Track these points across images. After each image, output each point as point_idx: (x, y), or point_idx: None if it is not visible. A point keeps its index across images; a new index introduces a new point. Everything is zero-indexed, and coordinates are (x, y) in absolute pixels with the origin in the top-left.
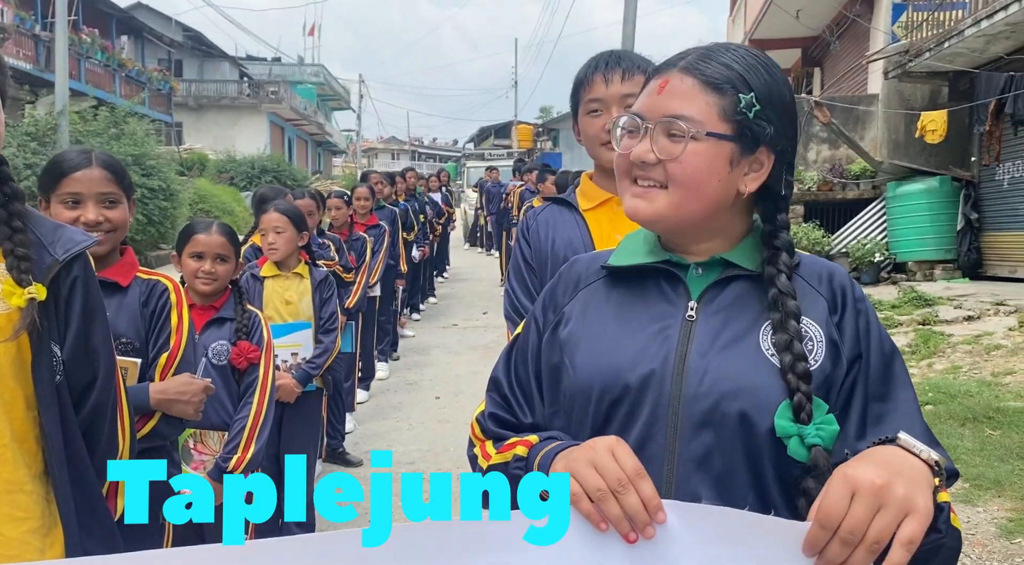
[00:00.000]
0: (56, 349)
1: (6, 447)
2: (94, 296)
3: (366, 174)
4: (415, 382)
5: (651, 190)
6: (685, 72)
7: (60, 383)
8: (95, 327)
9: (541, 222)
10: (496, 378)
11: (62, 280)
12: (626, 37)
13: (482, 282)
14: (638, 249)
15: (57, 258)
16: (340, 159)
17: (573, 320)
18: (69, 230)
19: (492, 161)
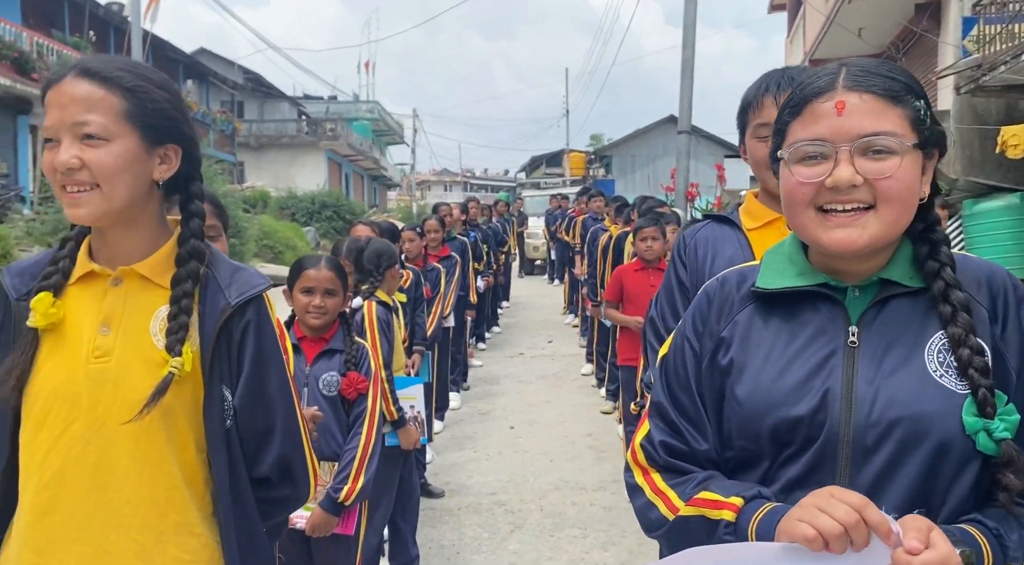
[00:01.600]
0: (227, 393)
1: (176, 489)
2: (269, 342)
3: (436, 206)
4: (488, 412)
5: (859, 215)
6: (855, 90)
7: (230, 428)
8: (270, 374)
9: (700, 240)
10: (658, 403)
11: (235, 324)
12: (685, 62)
13: (542, 310)
14: (785, 269)
15: (230, 302)
16: (394, 192)
17: (733, 348)
18: (247, 273)
19: (548, 189)
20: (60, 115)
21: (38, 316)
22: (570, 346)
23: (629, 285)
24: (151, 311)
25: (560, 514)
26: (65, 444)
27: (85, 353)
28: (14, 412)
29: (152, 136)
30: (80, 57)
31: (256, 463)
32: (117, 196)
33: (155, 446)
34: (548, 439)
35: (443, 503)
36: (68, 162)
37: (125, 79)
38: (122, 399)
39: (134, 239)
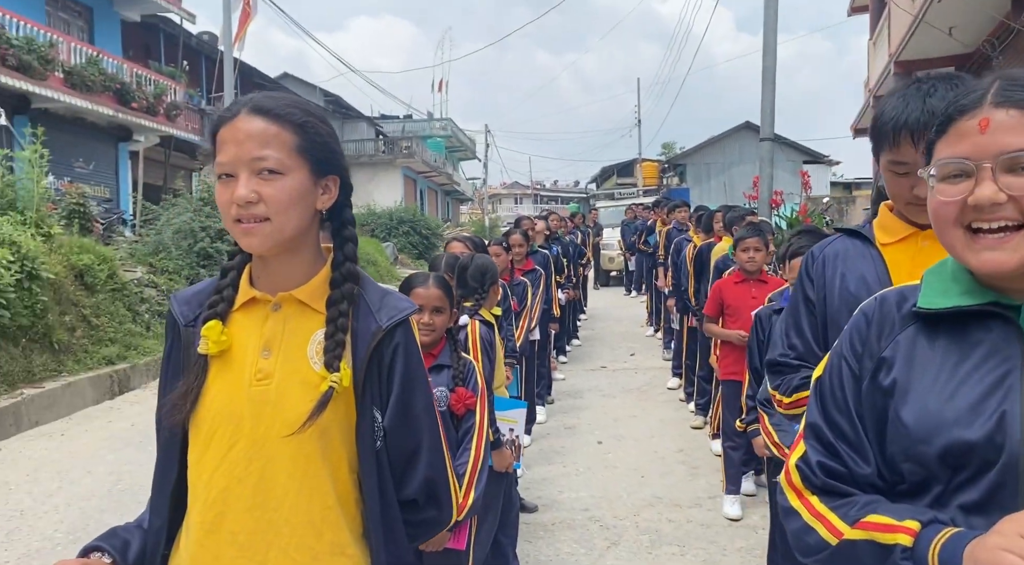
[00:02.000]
0: (377, 414)
1: (330, 509)
2: (416, 364)
3: (519, 220)
4: (573, 426)
5: (1008, 237)
6: (1003, 106)
7: (380, 449)
8: (416, 395)
9: (829, 256)
10: (814, 424)
11: (385, 346)
12: (766, 69)
13: (621, 322)
14: (949, 288)
15: (381, 325)
16: (466, 206)
17: (896, 369)
18: (395, 297)
19: (622, 200)
20: (236, 151)
21: (210, 343)
22: (653, 359)
23: (730, 298)
24: (308, 335)
25: (656, 531)
26: (229, 464)
27: (248, 376)
28: (183, 433)
29: (318, 168)
30: (248, 95)
31: (403, 485)
32: (288, 227)
33: (312, 465)
34: (638, 454)
35: (537, 518)
36: (247, 196)
37: (295, 115)
38: (282, 419)
39: (294, 266)
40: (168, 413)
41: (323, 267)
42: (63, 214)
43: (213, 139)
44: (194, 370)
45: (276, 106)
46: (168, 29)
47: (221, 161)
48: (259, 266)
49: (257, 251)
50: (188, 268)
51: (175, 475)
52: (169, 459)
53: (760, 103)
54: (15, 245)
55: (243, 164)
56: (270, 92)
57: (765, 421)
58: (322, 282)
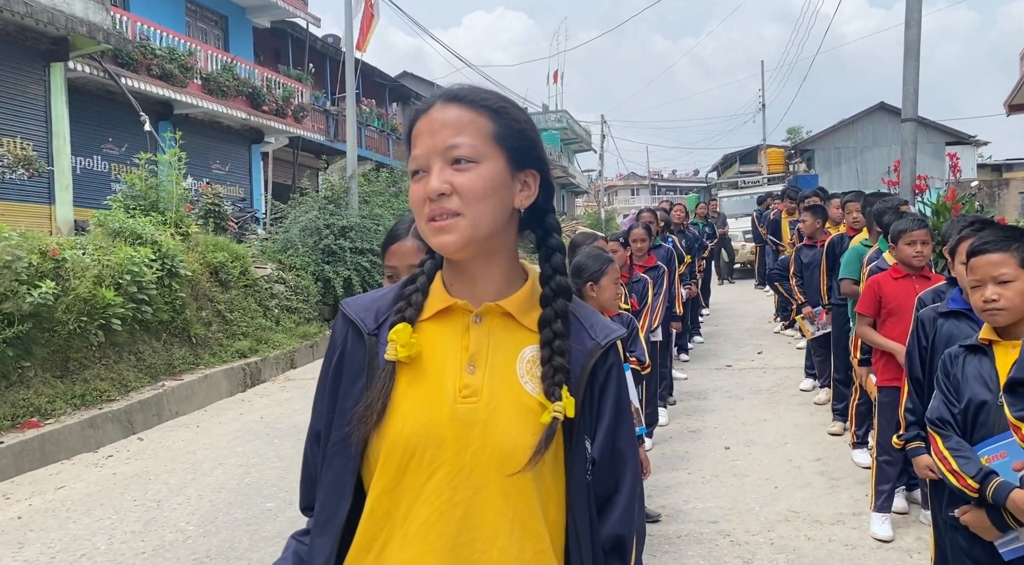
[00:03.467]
0: (588, 444)
1: (544, 553)
2: (624, 390)
3: (639, 213)
4: (698, 430)
5: None
6: None
7: (589, 484)
8: (623, 426)
9: None
10: None
11: (600, 367)
12: (910, 43)
13: (747, 318)
14: None
15: (599, 342)
16: (582, 199)
17: None
18: (603, 317)
19: (746, 189)
20: (430, 142)
21: (398, 347)
22: (783, 357)
23: (890, 295)
24: (516, 351)
25: (795, 550)
26: (431, 493)
27: (452, 391)
28: (361, 456)
29: (516, 159)
30: (445, 87)
31: None
32: (484, 223)
33: (526, 502)
34: (770, 463)
35: (660, 529)
36: (440, 188)
37: (491, 101)
38: (492, 444)
39: (493, 274)
40: (354, 427)
41: (528, 279)
42: (200, 214)
43: (408, 138)
44: (381, 379)
45: (471, 93)
46: (295, 33)
47: (415, 155)
48: (453, 272)
49: (450, 251)
50: (314, 264)
51: (349, 507)
52: (344, 488)
53: (902, 81)
54: (156, 244)
55: (436, 154)
56: (466, 84)
57: (939, 443)
58: (528, 295)
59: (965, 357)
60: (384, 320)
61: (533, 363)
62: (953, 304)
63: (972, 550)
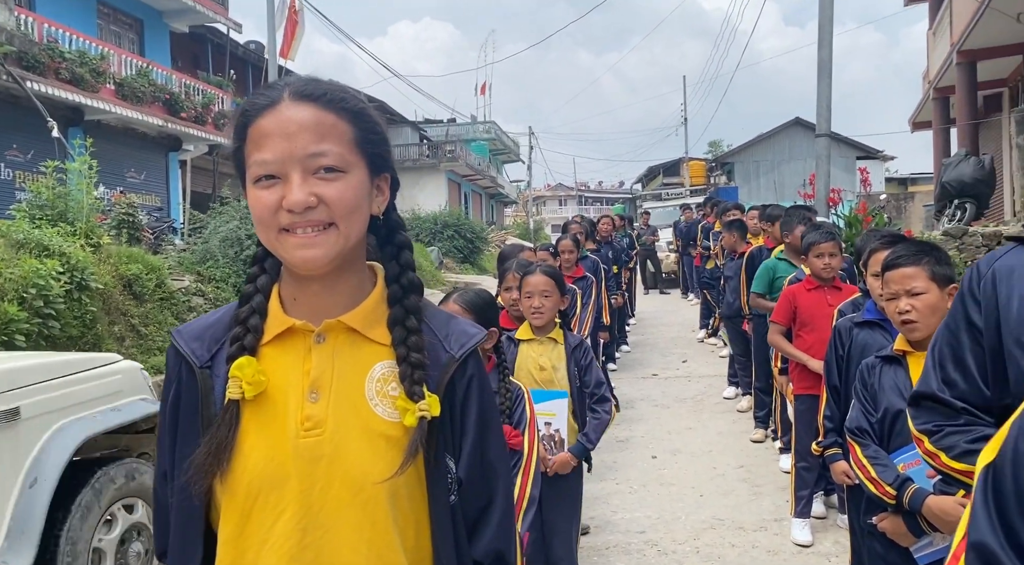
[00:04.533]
0: (451, 463)
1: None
2: (489, 400)
3: (567, 224)
4: (626, 439)
5: None
6: None
7: (455, 505)
8: (491, 438)
9: (1001, 272)
10: (983, 546)
11: (458, 380)
12: (822, 62)
13: (672, 327)
14: None
15: (453, 355)
16: (511, 209)
17: None
18: (461, 321)
19: (670, 201)
20: (287, 146)
21: (244, 385)
22: (707, 366)
23: (804, 306)
24: (364, 371)
25: (720, 557)
26: (278, 538)
27: (293, 426)
28: (207, 504)
29: (375, 165)
30: (285, 79)
31: (470, 546)
32: (353, 234)
33: (381, 533)
34: (695, 471)
35: (589, 541)
36: (306, 201)
37: (350, 102)
38: (340, 478)
39: (342, 286)
40: (194, 478)
41: (375, 286)
42: (112, 224)
43: (244, 132)
44: (224, 422)
45: (328, 91)
46: (216, 39)
47: (264, 159)
48: (294, 288)
49: (318, 267)
50: (235, 276)
51: (200, 559)
52: (191, 539)
53: (816, 98)
54: (64, 256)
55: (295, 161)
56: (309, 76)
57: (858, 452)
58: (376, 303)
59: (881, 368)
60: (218, 349)
61: (385, 381)
62: (868, 314)
63: (888, 555)
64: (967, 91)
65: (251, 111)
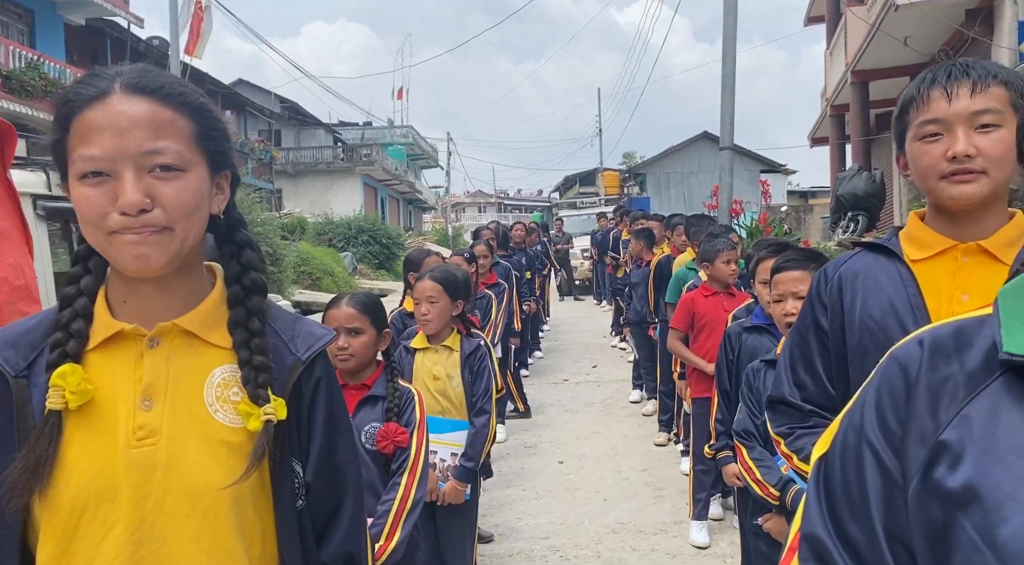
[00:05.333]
0: (298, 468)
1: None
2: (338, 402)
3: (478, 231)
4: (534, 445)
5: None
6: None
7: (302, 510)
8: (340, 440)
9: (847, 276)
10: (814, 537)
11: (305, 383)
12: (726, 77)
13: (585, 333)
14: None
15: (299, 357)
16: (429, 215)
17: (968, 460)
18: (308, 322)
19: (585, 209)
20: (118, 143)
21: (68, 394)
22: (616, 371)
23: (702, 312)
24: (203, 376)
25: (621, 561)
26: (108, 554)
27: (124, 436)
28: (23, 521)
29: (216, 163)
30: (115, 68)
31: (319, 549)
32: (190, 237)
33: (222, 544)
34: (600, 475)
35: (493, 549)
36: (141, 202)
37: (189, 97)
38: (177, 487)
39: (177, 288)
40: (8, 496)
41: (214, 287)
42: None
43: (66, 123)
44: (43, 434)
45: (165, 85)
46: (115, 33)
47: (92, 155)
48: (123, 290)
49: (152, 271)
50: None
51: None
52: (4, 562)
53: (720, 112)
54: None
55: (128, 159)
56: (143, 65)
57: (744, 454)
58: (216, 305)
59: (765, 371)
60: (36, 357)
61: (225, 386)
62: (756, 319)
63: (773, 555)
64: (860, 109)
65: (76, 101)
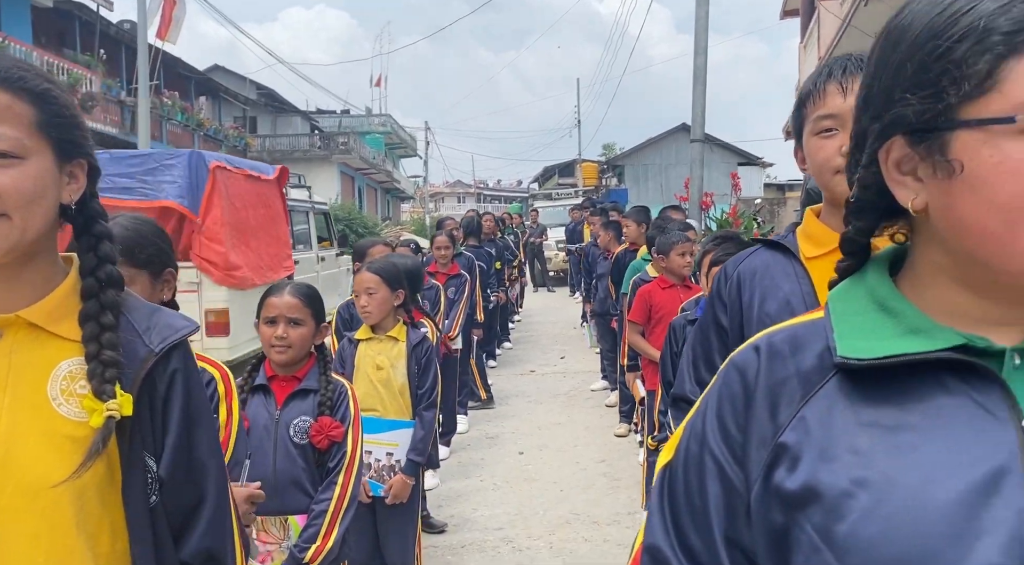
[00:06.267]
0: (151, 463)
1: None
2: (197, 395)
3: (441, 221)
4: (496, 435)
5: None
6: None
7: (155, 506)
8: (199, 434)
9: (745, 274)
10: (655, 548)
11: (159, 375)
12: (698, 69)
13: (556, 324)
14: (880, 323)
15: (153, 349)
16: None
17: (806, 462)
18: (167, 314)
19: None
20: None
21: None
22: (583, 362)
23: (659, 305)
24: (48, 369)
25: (572, 552)
26: None
27: None
28: None
29: (64, 150)
30: None
31: (178, 546)
32: (32, 227)
33: (62, 541)
34: (559, 466)
35: (445, 540)
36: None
37: (31, 82)
38: (14, 484)
39: (23, 280)
40: None
41: (66, 278)
42: None
43: None
44: None
45: (4, 69)
46: (84, 16)
47: None
48: None
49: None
50: None
51: None
52: None
53: (692, 104)
54: None
55: None
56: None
57: None
58: (66, 296)
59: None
60: None
61: (72, 379)
62: (700, 312)
63: None
64: None
65: None
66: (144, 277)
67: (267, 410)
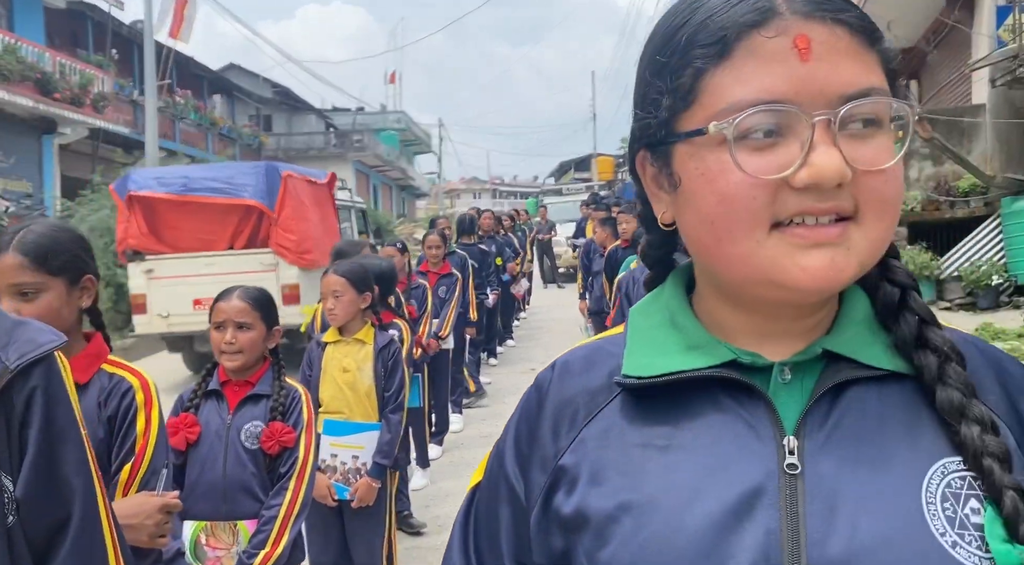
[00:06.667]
0: (7, 482)
1: None
2: (63, 412)
3: (434, 220)
4: (490, 435)
5: (842, 229)
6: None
7: (13, 526)
8: (64, 452)
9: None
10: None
11: (16, 392)
12: None
13: (561, 322)
14: (666, 339)
15: (7, 365)
16: (423, 201)
17: (582, 486)
18: (32, 328)
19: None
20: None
21: None
22: None
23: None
24: None
25: None
26: None
27: None
28: None
29: None
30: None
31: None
32: None
33: None
34: None
35: (427, 541)
36: None
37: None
38: None
39: None
40: None
41: None
42: None
43: None
44: None
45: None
46: (96, 17)
47: None
48: None
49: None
50: (105, 268)
51: None
52: None
53: None
54: None
55: None
56: None
57: None
58: None
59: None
60: None
61: None
62: None
63: None
64: None
65: None
66: (59, 284)
67: (219, 415)
